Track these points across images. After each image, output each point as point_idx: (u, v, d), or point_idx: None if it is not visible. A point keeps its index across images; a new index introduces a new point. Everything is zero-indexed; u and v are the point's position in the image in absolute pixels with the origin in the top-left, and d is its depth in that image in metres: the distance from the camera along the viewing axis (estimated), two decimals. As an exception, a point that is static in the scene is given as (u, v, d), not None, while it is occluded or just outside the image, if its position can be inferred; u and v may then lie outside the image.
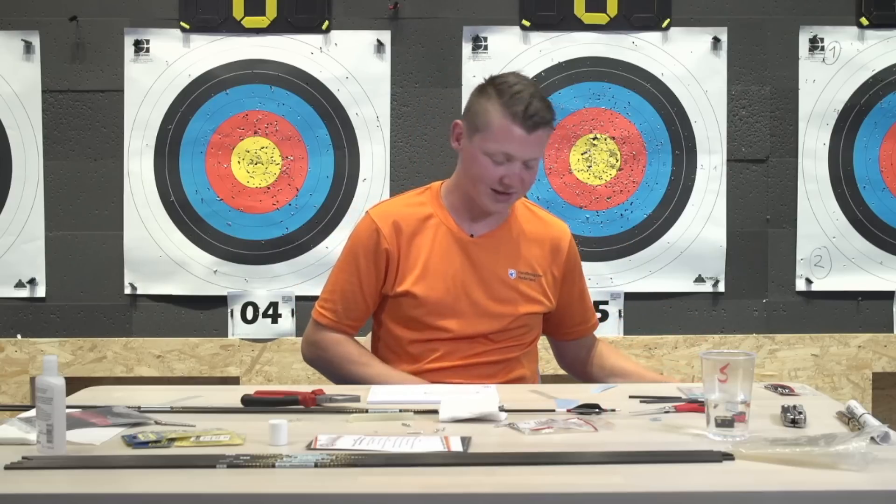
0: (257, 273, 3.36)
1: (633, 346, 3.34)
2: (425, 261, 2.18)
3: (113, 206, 3.34)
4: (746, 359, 1.58)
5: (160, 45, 3.32)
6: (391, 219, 2.19)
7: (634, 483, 1.37)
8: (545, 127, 2.10)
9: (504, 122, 2.08)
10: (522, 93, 2.08)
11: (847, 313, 3.41)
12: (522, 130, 2.07)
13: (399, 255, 2.18)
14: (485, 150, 2.10)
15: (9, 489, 1.36)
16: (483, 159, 2.11)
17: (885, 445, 1.52)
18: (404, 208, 2.23)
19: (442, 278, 2.17)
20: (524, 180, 2.13)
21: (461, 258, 2.18)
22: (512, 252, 2.21)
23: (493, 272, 2.19)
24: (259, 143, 3.34)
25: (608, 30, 3.33)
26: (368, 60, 3.33)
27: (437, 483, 1.38)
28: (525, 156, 2.10)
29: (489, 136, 2.10)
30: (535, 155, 2.12)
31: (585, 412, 1.76)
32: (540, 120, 2.08)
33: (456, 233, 2.20)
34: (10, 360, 3.31)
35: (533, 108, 2.07)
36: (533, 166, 2.13)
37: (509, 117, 2.08)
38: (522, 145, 2.09)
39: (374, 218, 2.20)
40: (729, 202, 3.37)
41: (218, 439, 1.58)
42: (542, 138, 2.11)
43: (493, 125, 2.09)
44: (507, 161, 2.10)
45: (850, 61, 3.35)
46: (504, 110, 2.08)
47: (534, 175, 2.15)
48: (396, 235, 2.18)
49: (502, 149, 2.09)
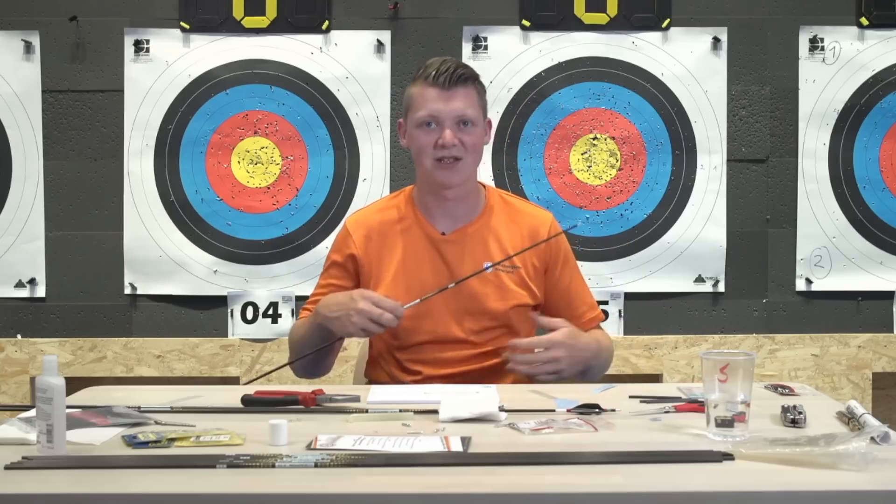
0: (257, 273, 3.36)
1: (633, 346, 3.34)
2: (397, 265, 2.18)
3: (113, 206, 3.35)
4: (746, 359, 1.58)
5: (160, 45, 3.32)
6: (364, 226, 2.23)
7: (634, 483, 1.37)
8: (463, 83, 2.13)
9: (420, 89, 2.15)
10: (434, 61, 2.15)
11: (847, 313, 3.41)
12: (436, 88, 2.12)
13: (371, 261, 2.20)
14: (415, 124, 2.15)
15: (9, 489, 1.36)
16: (417, 132, 2.15)
17: (885, 445, 1.52)
18: (377, 214, 2.26)
19: (415, 280, 2.16)
20: (463, 142, 2.12)
21: (433, 257, 2.18)
22: (486, 246, 2.19)
23: (466, 269, 2.16)
24: (259, 143, 3.34)
25: (608, 30, 3.33)
26: (368, 60, 3.33)
27: (437, 483, 1.38)
28: (448, 113, 2.11)
29: (414, 108, 2.15)
30: (460, 111, 2.12)
31: (585, 412, 1.76)
32: (452, 76, 2.11)
33: (427, 232, 2.20)
34: (10, 360, 3.31)
35: (444, 67, 2.12)
36: (469, 126, 2.13)
37: (422, 83, 2.14)
38: (441, 102, 2.11)
39: (348, 226, 2.26)
40: (729, 202, 3.37)
41: (218, 439, 1.58)
42: (464, 95, 2.13)
43: (413, 97, 2.16)
44: (437, 124, 2.12)
45: (850, 61, 3.35)
46: (420, 80, 2.16)
47: (476, 137, 2.15)
48: (367, 242, 2.21)
49: (426, 112, 2.12)
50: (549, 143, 3.36)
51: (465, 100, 2.13)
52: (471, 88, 2.15)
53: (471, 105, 2.14)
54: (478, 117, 2.15)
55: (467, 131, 2.13)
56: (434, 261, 2.18)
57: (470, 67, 2.18)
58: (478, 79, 2.18)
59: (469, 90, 2.14)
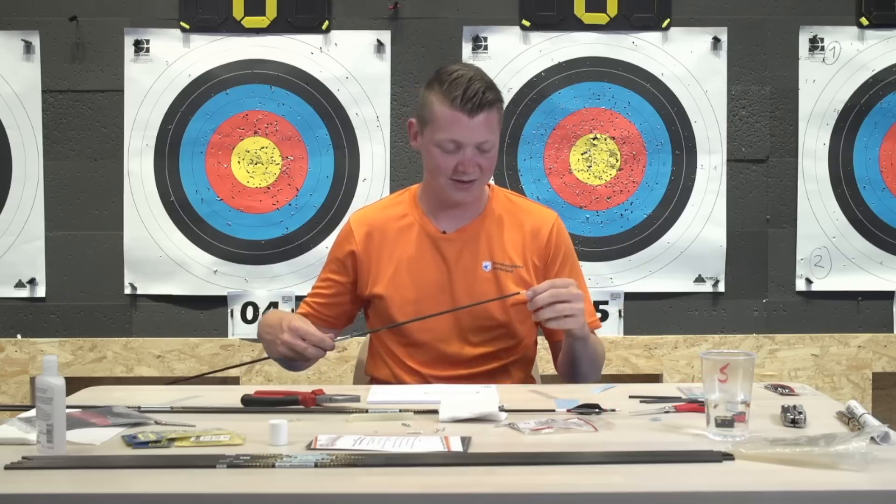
0: (257, 273, 3.36)
1: (633, 346, 3.34)
2: (397, 263, 2.19)
3: (113, 206, 3.35)
4: (746, 359, 1.58)
5: (160, 45, 3.32)
6: (366, 223, 2.23)
7: (634, 483, 1.37)
8: (488, 108, 2.07)
9: (445, 109, 2.07)
10: (461, 78, 2.07)
11: (847, 313, 3.41)
12: (463, 114, 2.06)
13: (370, 259, 2.20)
14: (435, 142, 2.10)
15: (9, 489, 1.36)
16: (435, 151, 2.10)
17: (885, 445, 1.52)
18: (381, 212, 2.26)
19: (414, 278, 2.17)
20: (481, 166, 2.10)
21: (433, 256, 2.18)
22: (487, 244, 2.18)
23: (465, 267, 2.17)
24: (259, 143, 3.34)
25: (608, 30, 3.33)
26: (368, 60, 3.33)
27: (437, 483, 1.38)
28: (472, 140, 2.07)
29: (435, 126, 2.09)
30: (483, 138, 2.08)
31: (585, 412, 1.76)
32: (479, 102, 2.05)
33: (428, 230, 2.20)
34: (10, 360, 3.31)
35: (471, 91, 2.05)
36: (487, 150, 2.09)
37: (448, 104, 2.07)
38: (467, 130, 2.07)
39: (351, 222, 2.26)
40: (729, 202, 3.37)
41: (218, 439, 1.58)
42: (487, 120, 2.08)
43: (436, 115, 2.09)
44: (458, 149, 2.08)
45: (850, 61, 3.35)
46: (444, 98, 2.07)
47: (492, 159, 2.12)
48: (367, 239, 2.21)
49: (449, 136, 2.07)
50: (549, 143, 3.36)
51: (488, 125, 2.09)
52: (494, 112, 2.10)
53: (492, 130, 2.10)
54: (496, 140, 2.13)
55: (485, 156, 2.10)
56: (434, 259, 2.18)
57: (495, 87, 2.12)
58: (500, 99, 2.13)
59: (493, 113, 2.10)
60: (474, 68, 2.14)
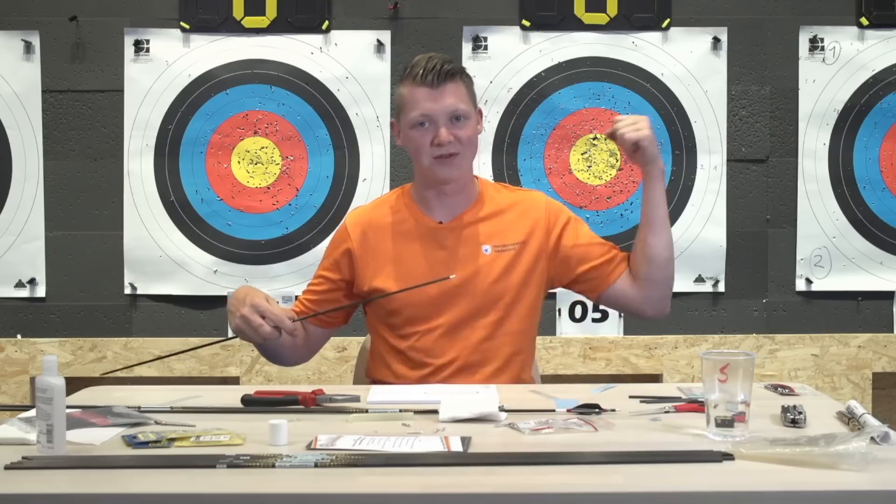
0: (257, 273, 3.36)
1: (633, 346, 3.34)
2: (396, 258, 2.20)
3: (113, 206, 3.35)
4: (746, 359, 1.58)
5: (160, 45, 3.32)
6: (362, 221, 2.25)
7: (634, 483, 1.37)
8: (450, 78, 2.14)
9: (409, 90, 2.15)
10: (420, 59, 2.16)
11: (847, 313, 3.41)
12: (426, 87, 2.13)
13: (366, 255, 2.21)
14: (409, 124, 2.15)
15: (9, 489, 1.36)
16: (412, 133, 2.15)
17: (885, 445, 1.52)
18: (375, 209, 2.28)
19: (414, 271, 2.17)
20: (458, 137, 2.14)
21: (430, 246, 2.19)
22: (484, 229, 2.21)
23: (465, 252, 2.18)
24: (259, 143, 3.34)
25: (608, 30, 3.33)
26: (368, 60, 3.33)
27: (437, 483, 1.38)
28: (442, 110, 2.12)
29: (407, 109, 2.16)
30: (453, 107, 2.13)
31: (585, 412, 1.76)
32: (439, 72, 2.12)
33: (424, 223, 2.21)
34: (10, 360, 3.31)
35: (430, 65, 2.13)
36: (461, 119, 2.14)
37: (411, 83, 2.15)
38: (433, 101, 2.12)
39: (347, 222, 2.28)
40: (729, 202, 3.37)
41: (218, 439, 1.58)
42: (454, 90, 2.14)
43: (405, 98, 2.17)
44: (431, 123, 2.13)
45: (850, 61, 3.35)
46: (408, 80, 2.17)
47: (469, 130, 2.16)
48: (363, 237, 2.22)
49: (419, 112, 2.13)
50: (549, 143, 3.36)
51: (455, 95, 2.14)
52: (459, 82, 2.16)
53: (461, 99, 2.15)
54: (469, 110, 2.17)
55: (461, 126, 2.15)
56: (431, 250, 2.19)
57: (456, 63, 2.19)
58: (464, 71, 2.20)
59: (457, 84, 2.16)
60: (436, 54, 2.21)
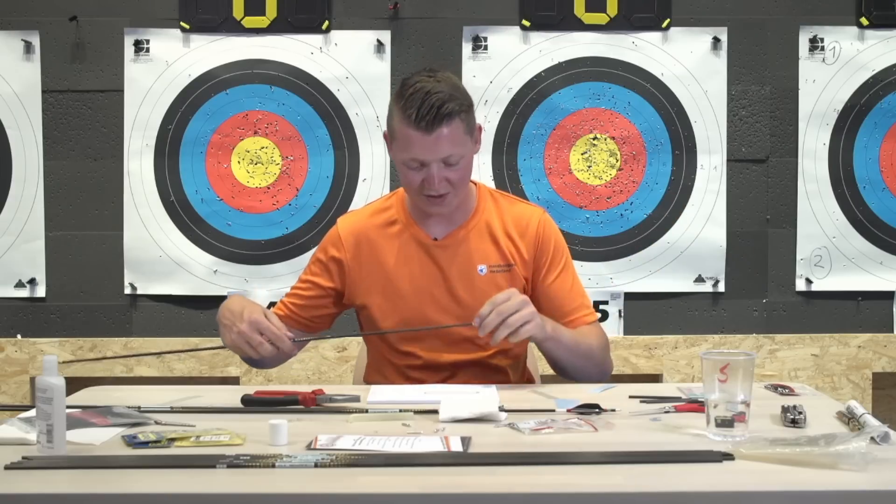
0: (257, 273, 3.36)
1: (633, 346, 3.35)
2: (387, 271, 2.14)
3: (113, 206, 3.35)
4: (746, 359, 1.58)
5: (160, 45, 3.32)
6: (355, 231, 2.17)
7: (634, 483, 1.37)
8: (447, 122, 1.97)
9: (402, 127, 1.99)
10: (417, 93, 1.97)
11: (847, 313, 3.41)
12: (419, 132, 1.97)
13: (360, 268, 2.15)
14: (400, 160, 2.04)
15: (9, 489, 1.36)
16: (402, 168, 2.05)
17: (885, 445, 1.52)
18: (369, 218, 2.19)
19: (407, 287, 2.13)
20: (449, 180, 2.02)
21: (425, 263, 2.13)
22: (480, 247, 2.14)
23: (460, 272, 2.13)
24: (259, 143, 3.34)
25: (608, 30, 3.33)
26: (368, 60, 3.34)
27: (437, 483, 1.38)
28: (434, 157, 1.99)
29: (398, 145, 2.03)
30: (446, 153, 1.99)
31: (585, 412, 1.76)
32: (436, 116, 1.95)
33: (419, 237, 2.14)
34: (10, 360, 3.31)
35: (426, 107, 1.95)
36: (454, 163, 2.01)
37: (405, 121, 1.98)
38: (425, 148, 1.98)
39: (339, 227, 2.20)
40: (729, 202, 3.37)
41: (218, 439, 1.58)
42: (450, 135, 1.98)
43: (397, 133, 2.02)
44: (422, 166, 2.01)
45: (850, 61, 3.35)
46: (402, 115, 1.99)
47: (462, 171, 2.04)
48: (356, 248, 2.16)
49: (410, 156, 2.00)
50: (549, 143, 3.36)
51: (451, 139, 1.99)
52: (455, 122, 1.99)
53: (457, 143, 2.00)
54: (464, 150, 2.03)
55: (454, 169, 2.02)
56: (426, 266, 2.14)
57: (457, 96, 2.00)
58: (463, 107, 2.01)
59: (454, 125, 1.99)
60: (438, 76, 2.03)
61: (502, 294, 1.93)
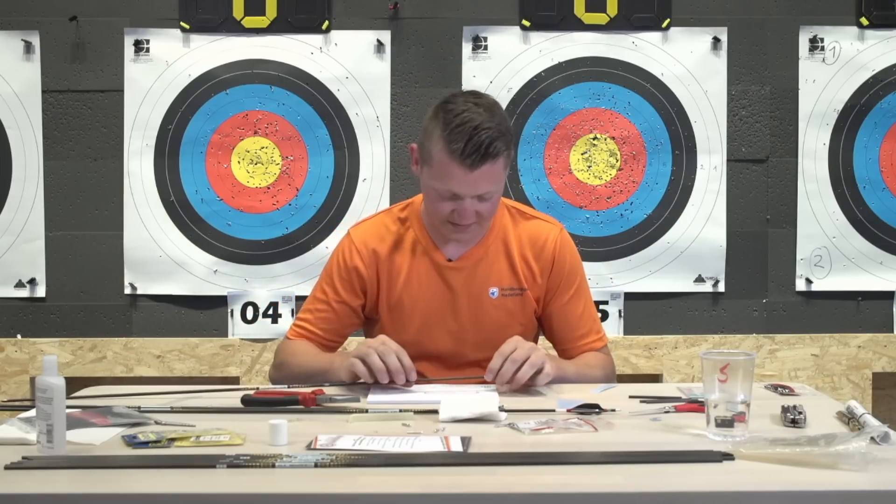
0: (257, 273, 3.36)
1: (633, 346, 3.34)
2: (396, 289, 2.13)
3: (113, 206, 3.35)
4: (746, 359, 1.58)
5: (160, 45, 3.32)
6: (371, 243, 2.14)
7: (634, 483, 1.37)
8: (492, 160, 1.92)
9: (444, 158, 1.93)
10: (465, 124, 1.90)
11: (847, 313, 3.41)
12: (463, 168, 1.92)
13: (375, 280, 2.13)
14: (432, 186, 1.99)
15: (9, 489, 1.36)
16: (432, 193, 2.00)
17: (885, 445, 1.52)
18: (384, 230, 2.16)
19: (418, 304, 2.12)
20: (479, 213, 1.99)
21: (436, 284, 2.12)
22: (495, 268, 2.11)
23: (471, 295, 2.11)
24: (259, 143, 3.34)
25: (608, 30, 3.33)
26: (368, 60, 3.33)
27: (437, 483, 1.38)
28: (471, 193, 1.96)
29: (433, 172, 1.97)
30: (484, 190, 1.96)
31: (585, 412, 1.76)
32: (482, 155, 1.90)
33: (433, 258, 2.12)
34: (10, 360, 3.31)
35: (473, 144, 1.89)
36: (488, 198, 1.98)
37: (448, 153, 1.92)
38: (466, 184, 1.94)
39: (354, 238, 2.16)
40: (729, 202, 3.37)
41: (218, 439, 1.58)
42: (490, 172, 1.94)
43: (435, 160, 1.95)
44: (455, 197, 1.97)
45: (850, 61, 3.35)
46: (445, 145, 1.92)
47: (493, 206, 2.01)
48: (371, 258, 2.13)
49: (445, 186, 1.96)
50: (549, 143, 3.36)
51: (490, 177, 1.94)
52: (500, 161, 1.94)
53: (495, 180, 1.96)
54: (501, 185, 2.00)
55: (485, 203, 1.99)
56: (439, 288, 2.12)
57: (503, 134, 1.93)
58: (510, 146, 1.97)
59: (497, 164, 1.94)
60: (485, 105, 1.95)
61: (508, 345, 1.93)
